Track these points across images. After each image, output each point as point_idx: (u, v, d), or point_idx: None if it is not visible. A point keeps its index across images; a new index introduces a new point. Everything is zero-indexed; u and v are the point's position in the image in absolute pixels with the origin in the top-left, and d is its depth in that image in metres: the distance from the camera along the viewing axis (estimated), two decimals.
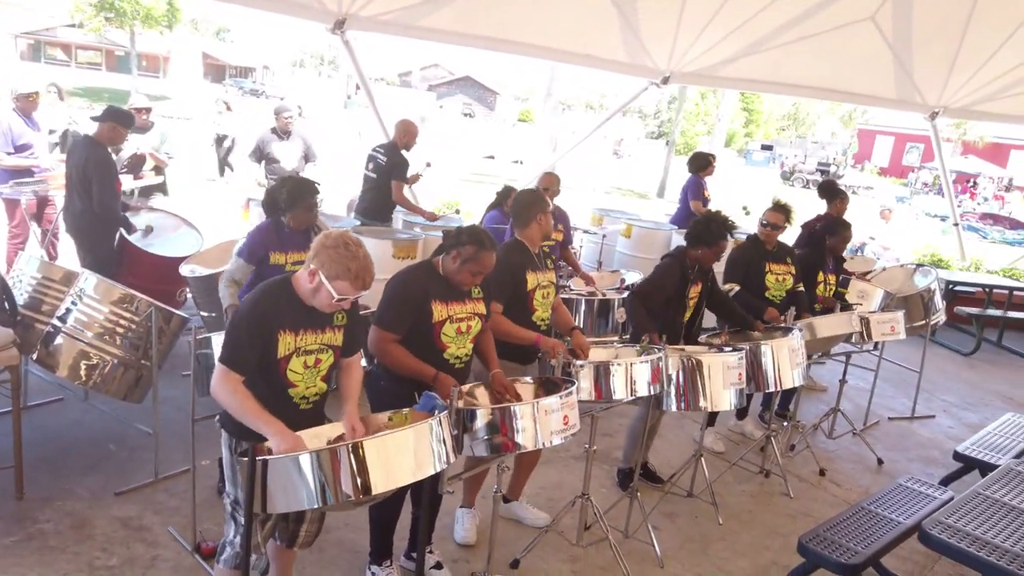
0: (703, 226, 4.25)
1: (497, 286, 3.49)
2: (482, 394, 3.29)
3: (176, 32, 39.19)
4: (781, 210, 5.01)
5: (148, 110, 6.86)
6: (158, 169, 6.77)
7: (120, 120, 5.26)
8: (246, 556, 2.34)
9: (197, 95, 31.14)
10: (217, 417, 2.61)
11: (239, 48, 61.24)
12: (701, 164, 7.70)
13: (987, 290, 9.18)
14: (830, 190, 6.39)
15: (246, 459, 2.24)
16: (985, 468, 4.10)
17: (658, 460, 4.76)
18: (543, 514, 3.99)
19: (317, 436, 2.57)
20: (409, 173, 6.50)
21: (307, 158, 7.24)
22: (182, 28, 42.17)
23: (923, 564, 4.07)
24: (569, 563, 3.69)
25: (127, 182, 6.33)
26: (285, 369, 2.47)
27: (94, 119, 5.27)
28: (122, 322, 3.83)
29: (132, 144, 6.41)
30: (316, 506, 2.23)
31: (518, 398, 3.21)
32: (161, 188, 6.96)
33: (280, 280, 2.53)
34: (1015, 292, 9.31)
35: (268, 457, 2.23)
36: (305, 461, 2.21)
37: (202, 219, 6.29)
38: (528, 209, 3.70)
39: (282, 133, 7.03)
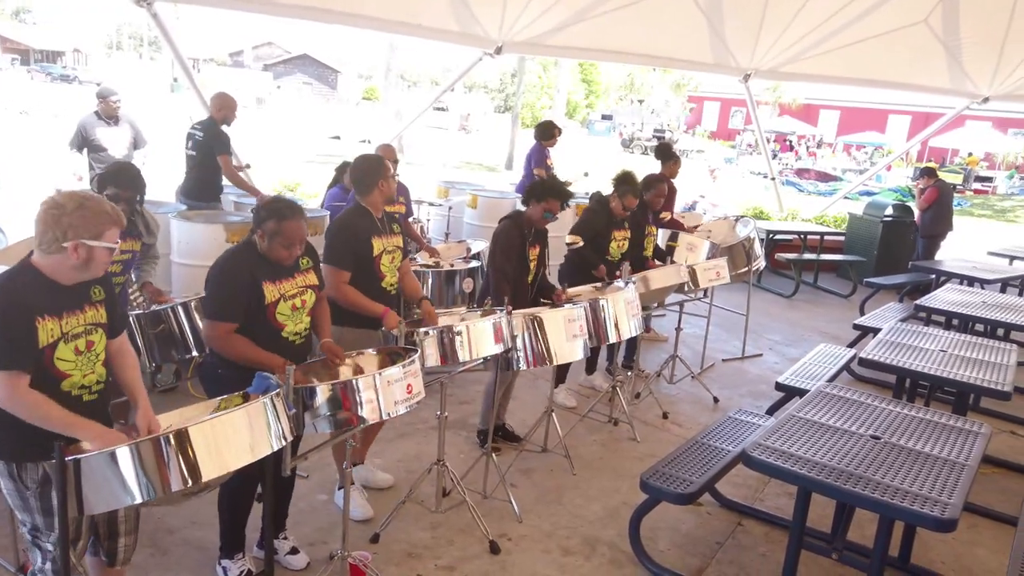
0: (538, 184, 4.47)
1: (341, 254, 3.44)
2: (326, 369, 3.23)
3: None
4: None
5: None
6: None
7: None
8: (65, 564, 2.17)
9: None
10: None
11: (44, 30, 55.58)
12: (545, 133, 7.87)
13: (802, 237, 10.09)
14: (665, 152, 6.76)
15: (54, 461, 2.07)
16: (802, 395, 4.51)
17: (514, 420, 4.88)
18: (388, 476, 4.08)
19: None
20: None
21: (136, 144, 6.74)
22: None
23: (756, 488, 4.46)
24: (430, 530, 3.72)
25: None
26: (52, 359, 2.24)
27: None
28: None
29: None
30: (140, 501, 2.09)
31: (345, 363, 3.19)
32: None
33: (19, 267, 2.28)
34: (826, 237, 10.30)
35: (80, 456, 2.07)
36: (124, 455, 2.07)
37: (5, 215, 5.69)
38: (369, 175, 3.66)
39: (108, 118, 6.47)
